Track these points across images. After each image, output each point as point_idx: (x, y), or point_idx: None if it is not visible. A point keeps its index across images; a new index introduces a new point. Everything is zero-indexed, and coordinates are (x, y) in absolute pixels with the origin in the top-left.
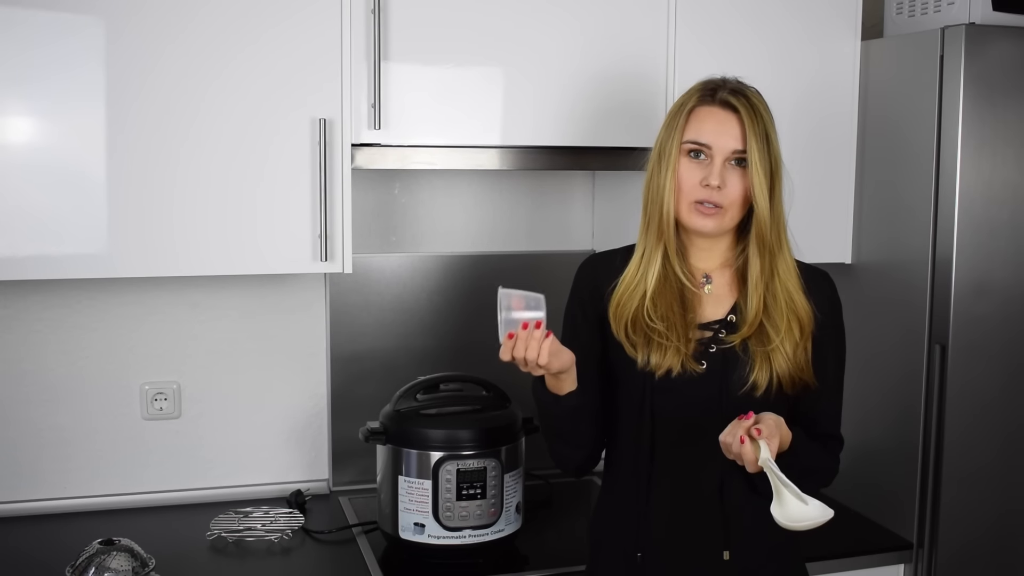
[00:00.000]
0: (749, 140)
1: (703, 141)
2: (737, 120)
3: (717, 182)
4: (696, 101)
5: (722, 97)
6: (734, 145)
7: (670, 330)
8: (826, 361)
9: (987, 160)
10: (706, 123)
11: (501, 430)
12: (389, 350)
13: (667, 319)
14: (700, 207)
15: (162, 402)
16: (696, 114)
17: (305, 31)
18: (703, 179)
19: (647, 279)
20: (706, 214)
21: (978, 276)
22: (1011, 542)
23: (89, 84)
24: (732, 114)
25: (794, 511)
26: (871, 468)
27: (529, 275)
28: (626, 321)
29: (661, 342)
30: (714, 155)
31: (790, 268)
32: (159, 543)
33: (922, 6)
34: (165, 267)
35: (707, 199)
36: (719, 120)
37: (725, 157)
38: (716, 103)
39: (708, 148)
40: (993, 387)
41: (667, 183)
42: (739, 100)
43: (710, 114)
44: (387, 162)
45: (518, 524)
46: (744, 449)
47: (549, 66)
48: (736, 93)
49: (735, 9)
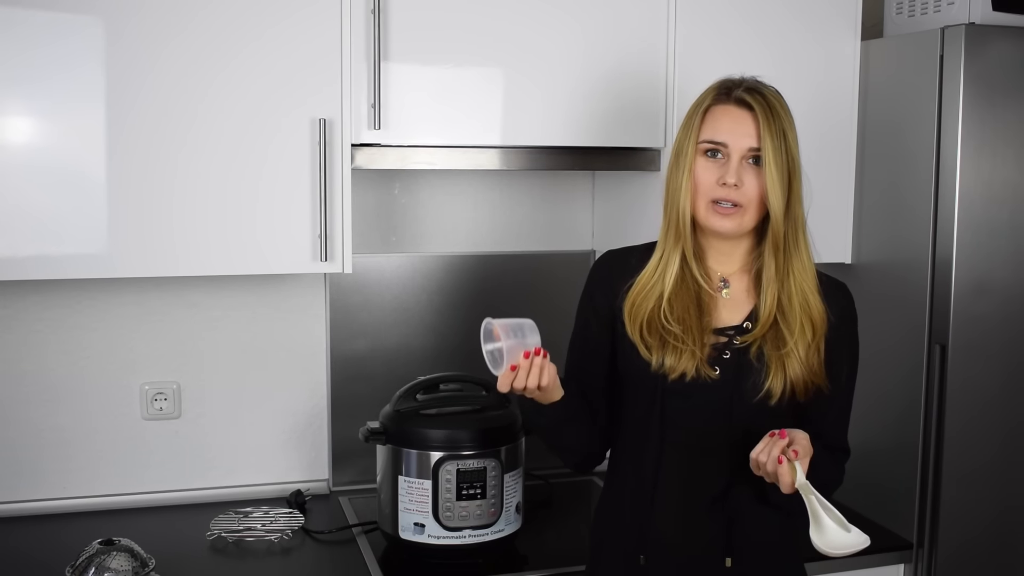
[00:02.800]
0: (764, 137)
1: (719, 139)
2: (752, 118)
3: (734, 180)
4: (712, 100)
5: (737, 95)
6: (750, 143)
7: (686, 333)
8: (838, 372)
9: (987, 160)
10: (722, 121)
11: (501, 430)
12: (389, 350)
13: (683, 322)
14: (717, 207)
15: (162, 402)
16: (712, 113)
17: (305, 31)
18: (720, 178)
19: (665, 280)
20: (723, 214)
21: (978, 276)
22: (1011, 541)
23: (89, 84)
24: (748, 112)
25: (835, 538)
26: (871, 468)
27: (529, 275)
28: (641, 322)
29: (676, 345)
30: (730, 153)
31: (806, 269)
32: (159, 543)
33: (922, 6)
34: (165, 267)
35: (724, 198)
36: (734, 118)
37: (741, 155)
38: (732, 101)
39: (724, 146)
40: (993, 387)
41: (683, 183)
42: (755, 98)
43: (725, 112)
44: (387, 162)
45: (518, 524)
46: (782, 471)
47: (549, 67)
48: (752, 91)
49: (735, 9)
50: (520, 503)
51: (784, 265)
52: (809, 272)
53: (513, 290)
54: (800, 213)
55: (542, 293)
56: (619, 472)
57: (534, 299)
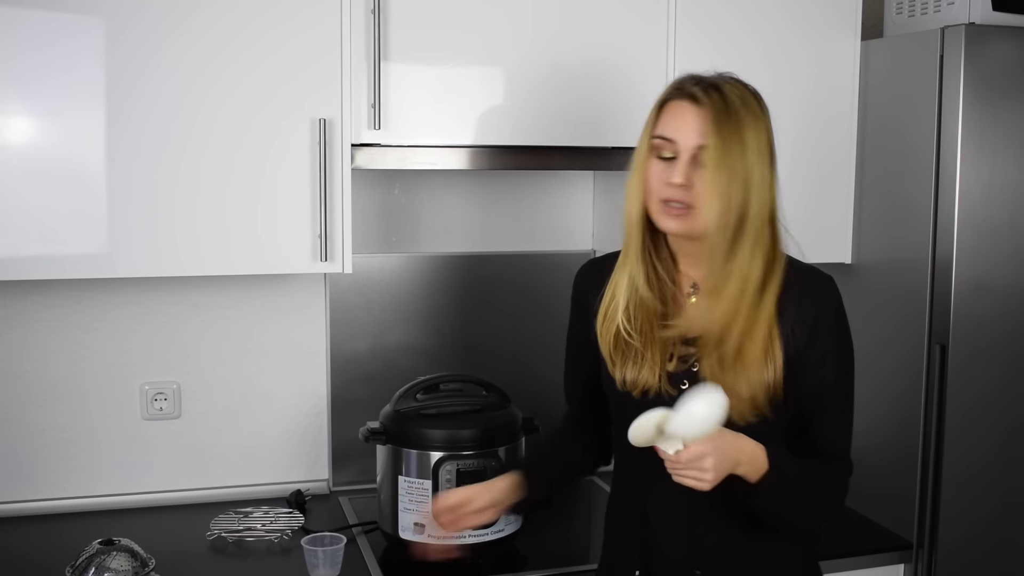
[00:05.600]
0: (709, 135)
1: (668, 135)
2: (702, 115)
3: (679, 179)
4: (668, 95)
5: (690, 91)
6: (698, 140)
7: (646, 346)
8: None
9: (987, 160)
10: (672, 118)
11: (501, 430)
12: (389, 350)
13: (644, 333)
14: (668, 207)
15: (162, 402)
16: (666, 108)
17: (305, 32)
18: (668, 177)
19: (620, 290)
20: (672, 214)
21: (978, 276)
22: (1011, 541)
23: (90, 85)
24: (699, 108)
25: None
26: (871, 468)
27: (529, 275)
28: (611, 337)
29: (635, 359)
30: (679, 151)
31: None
32: (159, 543)
33: (922, 6)
34: (166, 267)
35: (671, 198)
36: (682, 114)
37: (691, 154)
38: (684, 97)
39: (672, 143)
40: (993, 387)
41: (634, 182)
42: (708, 94)
43: (678, 108)
44: (387, 162)
45: (518, 524)
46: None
47: (549, 66)
48: (709, 88)
49: (735, 10)
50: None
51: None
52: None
53: (513, 290)
54: (753, 223)
55: (542, 293)
56: (616, 480)
57: (534, 299)
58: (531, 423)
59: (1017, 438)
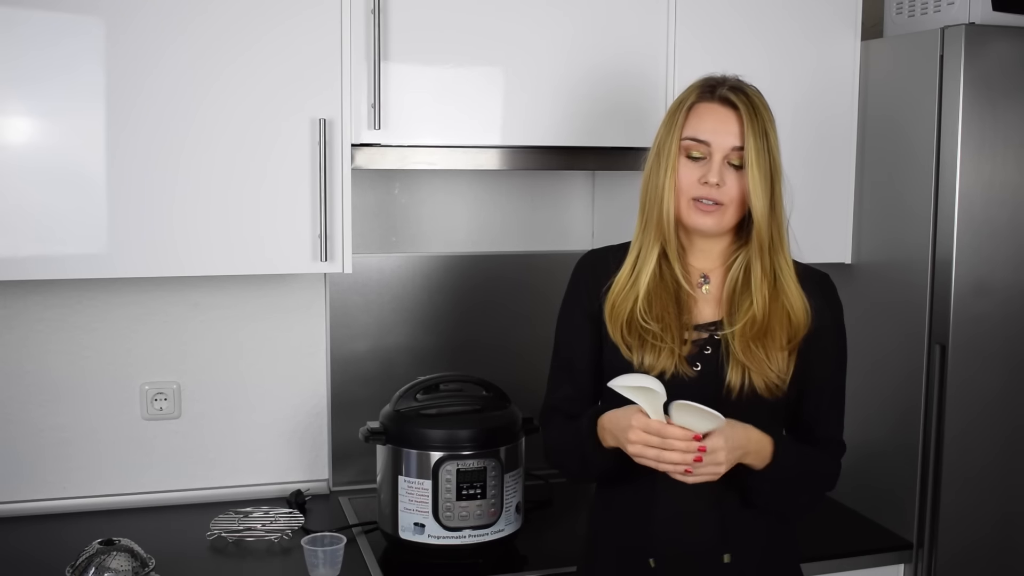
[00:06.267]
0: (747, 137)
1: (702, 138)
2: (736, 117)
3: (716, 179)
4: (696, 98)
5: (722, 94)
6: (733, 142)
7: (665, 331)
8: (825, 364)
9: (987, 160)
10: (705, 120)
11: (501, 430)
12: (389, 350)
13: (662, 320)
14: (699, 204)
15: (162, 402)
16: (696, 111)
17: (306, 32)
18: (701, 177)
19: (641, 280)
20: (705, 211)
21: (978, 276)
22: (1011, 542)
23: (90, 84)
24: (731, 111)
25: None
26: (871, 468)
27: (529, 275)
28: (622, 322)
29: (655, 343)
30: (713, 152)
31: (789, 268)
32: (159, 543)
33: (922, 6)
34: (166, 267)
35: (706, 196)
36: (718, 117)
37: (724, 155)
38: (716, 100)
39: (707, 145)
40: (993, 387)
41: (667, 181)
42: (739, 97)
43: (709, 111)
44: (387, 162)
45: (518, 524)
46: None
47: (549, 67)
48: (736, 90)
49: (735, 9)
50: (520, 503)
51: (770, 265)
52: (789, 272)
53: (513, 290)
54: (782, 213)
55: (542, 293)
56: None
57: (534, 299)
58: (531, 423)
59: (1017, 438)
